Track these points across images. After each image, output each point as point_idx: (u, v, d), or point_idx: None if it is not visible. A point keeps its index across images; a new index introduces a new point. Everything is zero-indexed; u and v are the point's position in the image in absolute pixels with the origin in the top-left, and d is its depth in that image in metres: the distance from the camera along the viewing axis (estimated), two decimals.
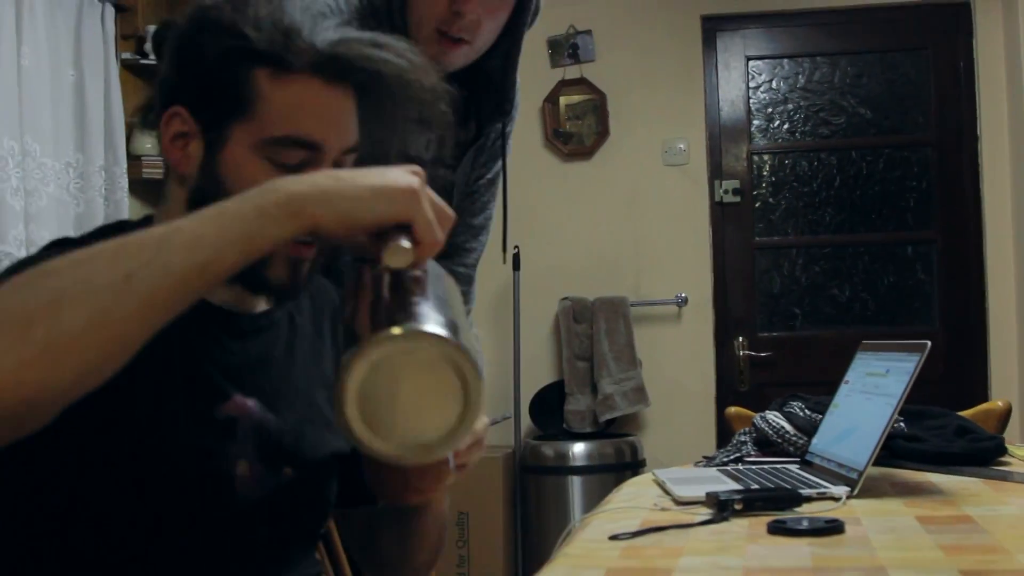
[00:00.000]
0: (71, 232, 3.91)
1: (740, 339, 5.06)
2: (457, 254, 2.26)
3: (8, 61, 3.63)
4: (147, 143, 4.28)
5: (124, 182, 4.14)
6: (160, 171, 1.40)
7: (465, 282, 2.29)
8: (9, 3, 3.67)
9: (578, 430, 4.85)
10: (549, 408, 4.96)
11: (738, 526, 1.46)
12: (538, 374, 5.05)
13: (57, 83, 3.91)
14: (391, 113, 1.36)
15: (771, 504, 1.55)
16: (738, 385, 5.03)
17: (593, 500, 4.50)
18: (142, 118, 1.42)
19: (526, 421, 4.95)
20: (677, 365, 5.05)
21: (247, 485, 1.34)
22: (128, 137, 4.23)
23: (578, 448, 4.71)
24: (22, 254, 3.60)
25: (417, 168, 1.11)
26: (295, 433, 1.41)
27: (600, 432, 4.88)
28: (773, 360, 5.02)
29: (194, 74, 1.31)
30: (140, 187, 4.29)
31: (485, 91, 2.13)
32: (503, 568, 4.69)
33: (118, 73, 4.21)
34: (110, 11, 4.21)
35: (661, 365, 5.02)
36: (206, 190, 1.28)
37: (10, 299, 0.99)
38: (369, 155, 1.73)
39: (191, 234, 1.02)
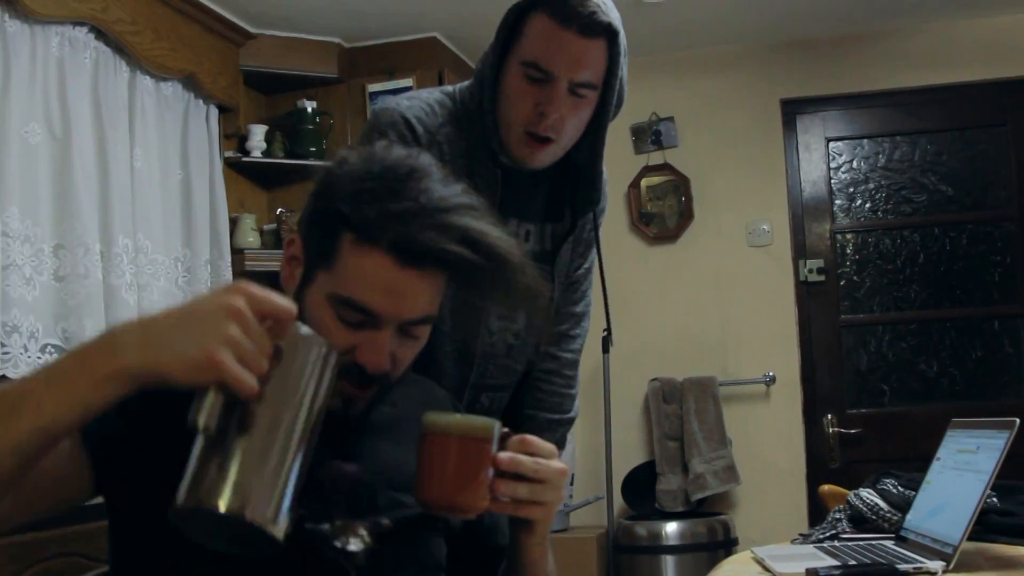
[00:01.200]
0: None
1: (829, 416, 5.09)
2: (563, 341, 2.38)
3: (122, 164, 3.83)
4: (248, 237, 4.46)
5: (228, 275, 4.31)
6: (262, 264, 1.58)
7: (571, 367, 2.40)
8: (123, 109, 3.88)
9: (670, 509, 4.90)
10: (641, 488, 5.01)
11: None
12: (629, 454, 5.12)
13: (166, 182, 4.11)
14: (482, 297, 1.51)
15: None
16: (829, 462, 5.05)
17: None
18: (274, 235, 1.58)
19: (618, 501, 5.00)
20: (767, 443, 5.09)
21: (344, 539, 1.43)
22: (231, 232, 4.41)
23: (671, 527, 4.75)
24: None
25: (236, 294, 1.17)
26: (390, 493, 1.50)
27: (692, 511, 4.92)
28: (863, 436, 5.05)
29: (311, 212, 1.47)
30: (243, 280, 4.45)
31: (575, 183, 2.25)
32: None
33: (222, 170, 4.41)
34: (214, 112, 4.42)
35: (751, 443, 5.07)
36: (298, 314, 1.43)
37: None
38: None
39: (35, 403, 1.16)
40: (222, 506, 1.13)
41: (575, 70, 2.00)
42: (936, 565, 1.73)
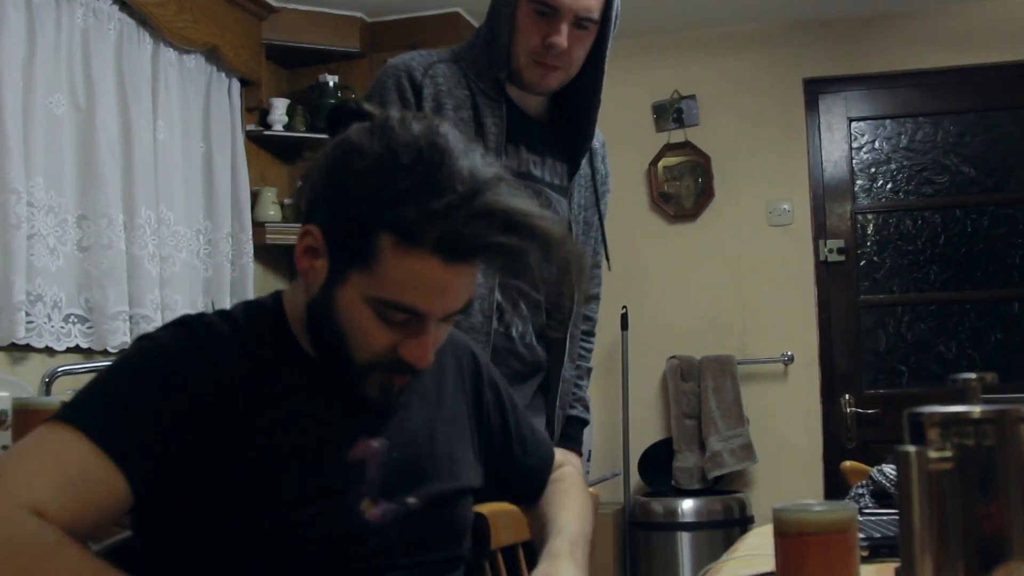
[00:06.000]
0: (200, 296, 4.11)
1: (847, 396, 5.09)
2: (592, 301, 2.54)
3: (146, 136, 3.85)
4: (269, 210, 4.47)
5: (249, 248, 4.33)
6: (282, 238, 1.55)
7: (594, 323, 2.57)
8: (146, 81, 3.90)
9: (686, 487, 4.91)
10: (658, 465, 5.02)
11: (866, 572, 1.53)
12: (647, 432, 5.12)
13: (188, 155, 4.12)
14: (523, 275, 1.49)
15: (897, 551, 1.62)
16: (845, 442, 5.05)
17: (701, 556, 4.57)
18: (295, 208, 1.55)
19: (635, 478, 5.02)
20: (784, 422, 5.09)
21: (376, 516, 1.46)
22: (252, 204, 4.42)
23: (687, 504, 4.77)
24: (158, 317, 3.79)
25: None
26: (416, 465, 1.52)
27: (708, 489, 4.93)
28: (880, 417, 5.04)
29: (333, 207, 1.38)
30: (264, 252, 4.47)
31: (573, 118, 2.39)
32: None
33: (243, 144, 4.42)
34: (236, 85, 4.43)
35: (768, 422, 5.07)
36: (320, 312, 1.42)
37: None
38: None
39: None
40: None
41: (579, 5, 2.19)
42: None
